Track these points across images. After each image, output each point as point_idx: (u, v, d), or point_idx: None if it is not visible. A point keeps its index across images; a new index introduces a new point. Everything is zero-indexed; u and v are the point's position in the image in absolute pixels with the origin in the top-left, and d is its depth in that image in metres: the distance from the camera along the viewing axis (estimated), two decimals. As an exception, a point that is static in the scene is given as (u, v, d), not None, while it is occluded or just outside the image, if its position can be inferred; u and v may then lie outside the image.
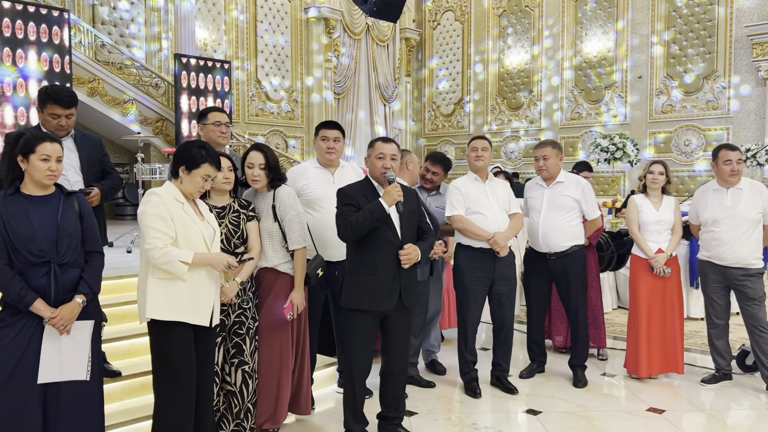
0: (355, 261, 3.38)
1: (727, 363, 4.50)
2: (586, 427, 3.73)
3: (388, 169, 3.35)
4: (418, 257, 3.34)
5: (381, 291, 3.29)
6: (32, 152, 2.71)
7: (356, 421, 3.38)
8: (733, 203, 4.24)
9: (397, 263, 3.29)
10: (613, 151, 8.94)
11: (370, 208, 3.22)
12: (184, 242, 2.88)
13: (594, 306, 5.08)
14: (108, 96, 9.61)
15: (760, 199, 4.22)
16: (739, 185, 4.28)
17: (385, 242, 3.29)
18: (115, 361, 3.80)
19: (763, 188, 4.28)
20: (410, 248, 3.30)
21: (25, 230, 2.67)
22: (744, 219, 4.20)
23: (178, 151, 3.01)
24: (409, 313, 3.49)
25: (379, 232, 3.27)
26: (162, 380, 2.95)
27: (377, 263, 3.29)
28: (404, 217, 3.34)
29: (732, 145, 4.38)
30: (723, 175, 4.28)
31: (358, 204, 3.28)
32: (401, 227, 3.34)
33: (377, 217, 3.21)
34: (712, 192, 4.40)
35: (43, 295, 2.69)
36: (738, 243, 4.20)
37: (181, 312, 2.85)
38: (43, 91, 3.40)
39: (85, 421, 2.86)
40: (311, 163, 4.00)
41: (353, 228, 3.21)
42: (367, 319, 3.33)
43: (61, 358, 2.74)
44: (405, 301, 3.35)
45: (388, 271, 3.29)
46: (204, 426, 3.09)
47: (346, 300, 3.37)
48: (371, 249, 3.30)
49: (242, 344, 3.38)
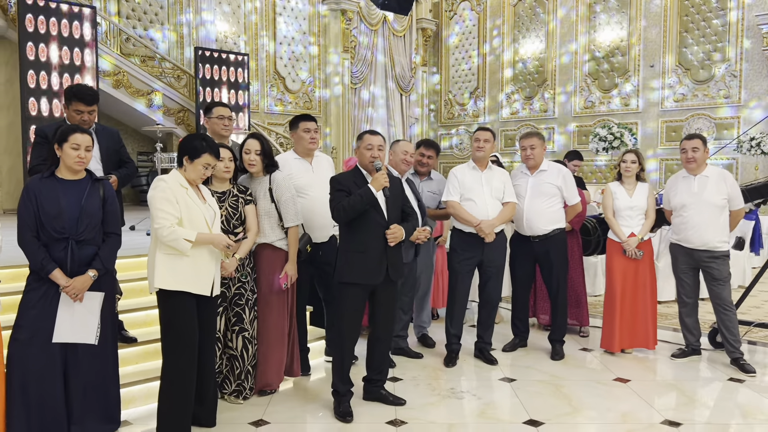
0: (347, 240, 3.77)
1: (696, 339, 4.83)
2: (553, 393, 4.10)
3: (375, 158, 3.74)
4: (403, 236, 3.75)
5: (371, 267, 3.69)
6: (65, 141, 3.19)
7: (343, 383, 3.79)
8: (700, 190, 4.54)
9: (384, 242, 3.69)
10: (611, 141, 9.17)
11: (360, 192, 3.62)
12: (188, 223, 3.30)
13: (577, 286, 5.43)
14: (132, 87, 10.11)
15: (725, 186, 4.51)
16: (706, 173, 4.58)
17: (374, 223, 3.69)
18: (132, 329, 4.27)
19: (728, 176, 4.57)
20: (396, 228, 3.71)
21: (52, 209, 3.15)
22: (709, 204, 4.50)
23: (182, 143, 3.43)
24: (395, 287, 3.89)
25: (368, 214, 3.67)
26: (168, 343, 3.37)
27: (367, 242, 3.69)
28: (390, 201, 3.74)
29: (693, 134, 4.68)
30: (682, 163, 4.60)
31: (350, 190, 3.68)
32: (387, 210, 3.73)
33: (366, 201, 3.61)
34: (681, 179, 4.71)
35: (62, 267, 3.16)
36: (703, 227, 4.51)
37: (185, 283, 3.28)
38: (69, 90, 3.86)
39: (101, 378, 3.35)
40: (290, 155, 4.39)
41: (345, 211, 3.61)
42: (358, 291, 3.73)
43: (73, 322, 3.21)
44: (392, 276, 3.75)
45: (376, 249, 3.69)
46: (206, 384, 3.53)
47: (339, 275, 3.76)
48: (361, 229, 3.70)
49: (242, 313, 3.83)
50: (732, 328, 4.57)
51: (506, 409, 3.87)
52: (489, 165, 4.75)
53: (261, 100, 13.12)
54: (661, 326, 5.66)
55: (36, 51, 8.20)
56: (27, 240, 3.14)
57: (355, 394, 3.86)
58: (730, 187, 4.53)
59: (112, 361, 3.44)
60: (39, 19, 8.20)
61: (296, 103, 13.83)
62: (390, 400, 3.90)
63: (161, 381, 3.41)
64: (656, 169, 12.70)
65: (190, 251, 3.27)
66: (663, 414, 3.75)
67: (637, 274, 4.80)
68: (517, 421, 3.66)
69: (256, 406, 3.86)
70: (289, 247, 3.93)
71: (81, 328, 3.23)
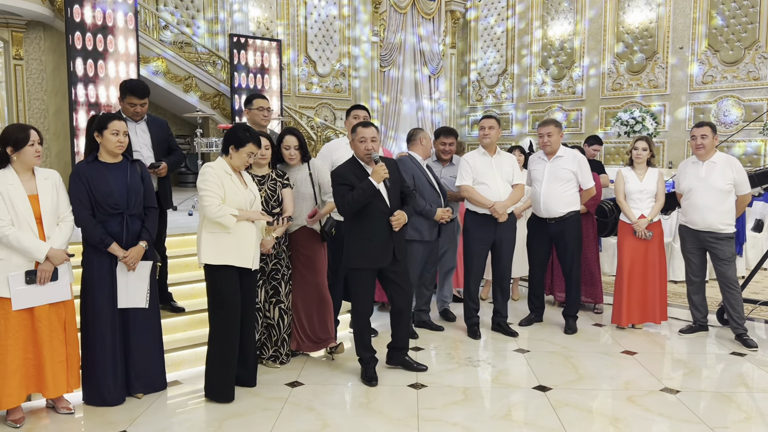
0: (353, 229, 4.08)
1: (703, 316, 5.11)
2: (563, 363, 4.45)
3: (371, 151, 4.02)
4: (406, 220, 4.08)
5: (378, 252, 4.02)
6: (105, 128, 3.64)
7: (365, 350, 4.17)
8: (707, 175, 4.80)
9: (388, 228, 4.02)
10: (633, 125, 9.33)
11: (363, 186, 3.92)
12: (229, 204, 3.70)
13: (591, 265, 5.74)
14: (171, 74, 10.57)
15: (731, 172, 4.76)
16: (714, 159, 4.83)
17: (378, 212, 4.01)
18: (180, 300, 4.74)
19: (735, 162, 4.81)
20: (399, 214, 4.03)
21: (104, 188, 3.60)
22: (714, 189, 4.76)
23: (227, 134, 3.83)
24: (403, 263, 4.19)
25: (371, 204, 3.98)
26: (214, 312, 3.80)
27: (373, 230, 4.01)
28: (390, 189, 4.06)
29: (702, 122, 4.92)
30: (692, 149, 4.86)
31: (351, 182, 3.98)
32: (389, 198, 4.06)
33: (369, 194, 3.93)
34: (691, 164, 4.96)
35: (118, 240, 3.63)
36: (708, 210, 4.77)
37: (228, 257, 3.69)
38: (123, 85, 4.28)
39: (151, 338, 3.83)
40: (344, 140, 4.86)
41: (351, 205, 3.93)
42: (367, 274, 4.08)
43: (128, 289, 3.68)
44: (398, 256, 4.09)
45: (381, 235, 4.02)
46: (248, 349, 3.96)
47: (347, 260, 4.12)
48: (366, 219, 4.01)
49: (279, 287, 4.25)
50: (736, 305, 4.84)
51: (518, 376, 4.23)
52: (497, 150, 5.07)
53: (293, 84, 13.51)
54: (675, 304, 5.96)
55: (83, 40, 8.67)
56: (84, 218, 3.60)
57: (380, 360, 4.27)
58: (737, 172, 4.77)
59: (158, 322, 3.92)
60: (84, 9, 8.67)
61: (327, 86, 14.19)
62: (414, 366, 4.29)
63: (208, 345, 3.84)
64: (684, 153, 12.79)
65: (232, 230, 3.68)
66: (664, 383, 4.07)
67: (647, 254, 5.09)
68: (527, 386, 4.02)
69: (291, 370, 4.30)
70: (326, 209, 4.38)
71: (134, 294, 3.72)
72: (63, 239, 3.53)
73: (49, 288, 3.48)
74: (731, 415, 3.59)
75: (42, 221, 3.46)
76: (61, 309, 3.56)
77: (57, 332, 3.52)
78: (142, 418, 3.55)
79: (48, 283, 3.46)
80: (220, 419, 3.55)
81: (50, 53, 10.05)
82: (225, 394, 3.77)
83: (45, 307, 3.48)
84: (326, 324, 4.47)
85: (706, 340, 5.01)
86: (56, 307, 3.53)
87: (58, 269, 3.50)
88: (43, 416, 3.61)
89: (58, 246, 3.49)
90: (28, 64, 9.92)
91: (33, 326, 3.46)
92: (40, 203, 3.46)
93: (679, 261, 6.97)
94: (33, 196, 3.46)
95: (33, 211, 3.43)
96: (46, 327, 3.47)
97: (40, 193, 3.48)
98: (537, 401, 3.78)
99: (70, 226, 3.60)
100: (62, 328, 3.56)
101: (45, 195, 3.49)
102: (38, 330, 3.46)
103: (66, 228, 3.57)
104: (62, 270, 3.53)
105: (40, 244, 3.42)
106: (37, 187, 3.48)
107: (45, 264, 3.43)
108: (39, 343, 3.47)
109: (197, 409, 3.72)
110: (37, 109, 10.05)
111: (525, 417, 3.60)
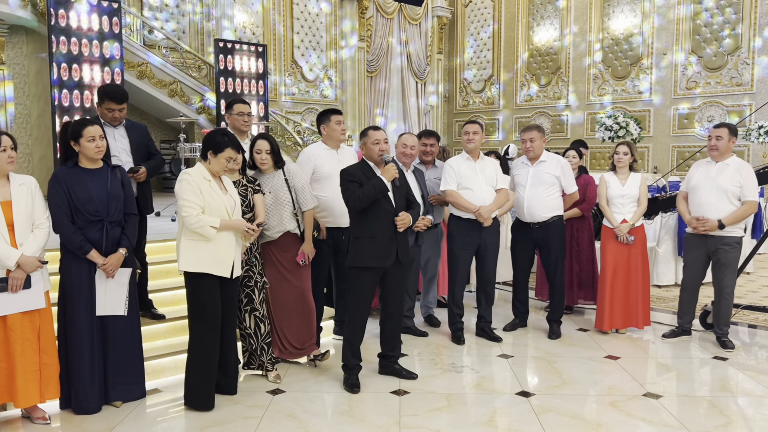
0: (358, 228, 4.10)
1: (688, 321, 5.11)
2: (546, 368, 4.44)
3: (384, 152, 4.08)
4: (411, 222, 4.10)
5: (382, 251, 4.03)
6: (80, 136, 3.58)
7: (353, 357, 4.14)
8: (716, 174, 4.79)
9: (393, 228, 4.03)
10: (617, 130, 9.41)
11: (374, 183, 3.95)
12: (210, 211, 3.66)
13: (591, 268, 5.77)
14: (155, 78, 10.52)
15: (740, 176, 4.74)
16: (727, 161, 4.82)
17: (383, 211, 4.03)
18: (161, 307, 4.68)
19: (746, 167, 4.80)
20: (404, 215, 4.05)
21: (84, 194, 3.54)
22: (720, 188, 4.73)
23: (205, 139, 3.79)
24: (404, 269, 4.22)
25: (378, 203, 4.01)
26: (194, 319, 3.75)
27: (378, 229, 4.03)
28: (397, 191, 4.08)
29: (721, 123, 4.95)
30: (708, 149, 4.89)
31: (360, 181, 4.01)
32: (395, 199, 4.08)
33: (379, 191, 3.95)
34: (704, 164, 4.96)
35: (97, 247, 3.57)
36: (713, 208, 4.74)
37: (207, 265, 3.64)
38: (101, 90, 4.23)
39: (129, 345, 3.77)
40: (320, 146, 4.79)
41: (360, 200, 3.95)
42: (370, 275, 4.07)
43: (107, 297, 3.62)
44: (401, 258, 4.10)
45: (386, 235, 4.03)
46: (228, 356, 3.91)
47: (352, 260, 4.10)
48: (372, 218, 4.03)
49: (252, 294, 4.19)
50: (725, 314, 4.86)
51: (501, 382, 4.21)
52: (480, 155, 5.08)
53: (279, 90, 13.47)
54: (659, 309, 5.98)
55: (68, 44, 8.60)
56: (63, 224, 3.53)
57: (371, 368, 4.27)
58: (744, 177, 4.73)
59: (137, 329, 3.85)
60: (67, 13, 8.60)
61: (313, 91, 14.16)
62: (403, 374, 4.26)
63: (188, 353, 3.79)
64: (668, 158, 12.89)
65: (211, 237, 3.63)
66: (647, 387, 4.06)
67: (629, 259, 5.10)
68: (510, 392, 4.00)
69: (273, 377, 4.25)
70: (306, 228, 4.31)
71: (113, 301, 3.65)
72: (36, 246, 3.47)
73: (22, 296, 3.41)
74: (714, 420, 3.59)
75: (14, 228, 3.40)
76: (35, 317, 3.50)
77: (30, 341, 3.45)
78: (120, 427, 3.49)
79: (20, 291, 3.40)
80: (200, 427, 3.50)
81: (32, 58, 9.96)
82: (205, 402, 3.72)
83: (17, 316, 3.41)
84: (310, 330, 4.44)
85: (689, 344, 5.02)
86: (30, 315, 3.46)
87: (32, 277, 3.44)
88: (18, 426, 3.55)
89: (31, 253, 3.43)
90: (10, 69, 9.82)
91: (5, 335, 3.39)
92: (13, 209, 3.40)
93: (663, 266, 7.01)
94: (6, 202, 3.39)
95: (5, 217, 3.37)
96: (19, 336, 3.41)
97: (13, 199, 3.42)
98: (520, 407, 3.76)
99: (45, 232, 3.53)
100: (36, 337, 3.49)
101: (19, 201, 3.43)
102: (10, 339, 3.39)
103: (41, 235, 3.51)
104: (36, 278, 3.46)
105: (11, 251, 3.35)
106: (11, 193, 3.43)
107: (16, 271, 3.37)
108: (11, 352, 3.40)
109: (177, 418, 3.67)
110: (20, 114, 9.94)
111: (508, 423, 3.58)
